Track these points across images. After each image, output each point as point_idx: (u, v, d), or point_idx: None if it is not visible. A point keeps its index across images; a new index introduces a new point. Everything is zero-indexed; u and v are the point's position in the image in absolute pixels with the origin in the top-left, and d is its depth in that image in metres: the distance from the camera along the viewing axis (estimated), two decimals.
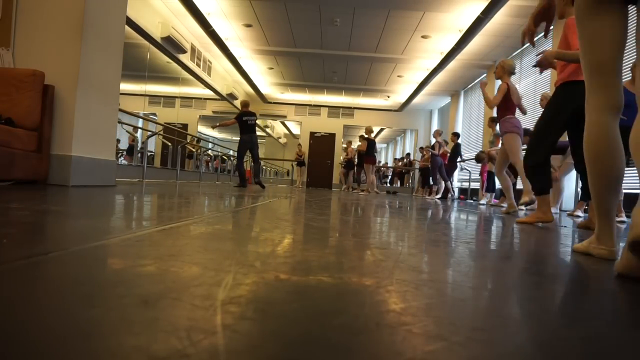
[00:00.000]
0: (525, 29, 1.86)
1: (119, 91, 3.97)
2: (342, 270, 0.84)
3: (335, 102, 15.44)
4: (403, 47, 9.43)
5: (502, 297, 0.79)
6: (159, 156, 9.75)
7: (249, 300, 0.59)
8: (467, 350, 0.47)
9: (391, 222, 2.32)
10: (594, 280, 1.05)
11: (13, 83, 3.13)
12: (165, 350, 0.39)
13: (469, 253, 1.29)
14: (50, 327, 0.44)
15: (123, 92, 4.14)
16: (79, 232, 1.13)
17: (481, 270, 1.03)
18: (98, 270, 0.74)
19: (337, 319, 0.54)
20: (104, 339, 0.42)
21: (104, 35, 3.65)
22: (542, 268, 1.13)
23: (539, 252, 1.52)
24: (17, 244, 0.92)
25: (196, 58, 10.05)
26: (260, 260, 0.88)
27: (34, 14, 3.38)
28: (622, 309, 0.79)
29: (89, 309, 0.51)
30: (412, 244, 1.43)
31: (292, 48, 10.06)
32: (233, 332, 0.46)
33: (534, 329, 0.58)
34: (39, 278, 0.64)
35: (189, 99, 11.09)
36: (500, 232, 2.17)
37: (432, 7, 7.29)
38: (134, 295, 0.57)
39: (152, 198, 2.84)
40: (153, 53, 8.44)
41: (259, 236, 1.29)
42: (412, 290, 0.72)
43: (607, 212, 1.25)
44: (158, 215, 1.84)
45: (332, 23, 8.43)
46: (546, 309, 0.71)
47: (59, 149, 3.32)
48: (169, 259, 0.82)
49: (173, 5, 7.97)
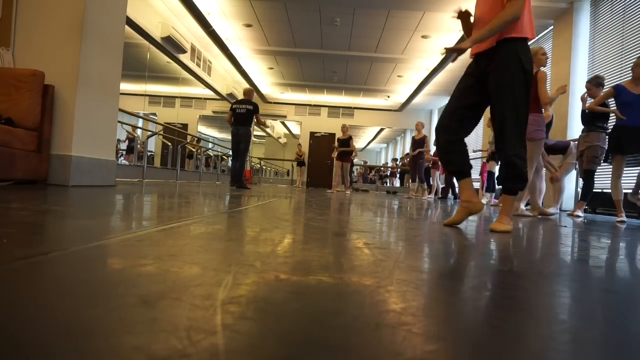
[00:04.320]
0: (452, 49, 2.13)
1: (119, 91, 3.97)
2: (342, 270, 0.84)
3: (335, 102, 15.44)
4: (403, 47, 9.43)
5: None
6: (159, 156, 9.75)
7: (249, 300, 0.59)
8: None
9: (389, 222, 2.32)
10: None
11: (13, 83, 3.13)
12: (166, 350, 0.39)
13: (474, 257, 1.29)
14: (51, 327, 0.44)
15: (123, 92, 4.14)
16: (79, 232, 1.13)
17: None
18: (98, 270, 0.74)
19: (337, 319, 0.54)
20: (104, 339, 0.42)
21: (104, 35, 3.65)
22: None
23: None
24: (17, 244, 0.92)
25: (196, 58, 10.05)
26: (260, 260, 0.88)
27: (34, 14, 3.38)
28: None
29: (89, 309, 0.51)
30: (412, 245, 1.43)
31: (292, 48, 10.06)
32: (233, 332, 0.46)
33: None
34: (39, 278, 0.64)
35: (189, 98, 11.10)
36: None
37: (432, 7, 7.29)
38: (134, 295, 0.57)
39: (152, 198, 2.84)
40: (153, 53, 8.44)
41: (259, 236, 1.29)
42: (412, 290, 0.72)
43: None
44: (158, 215, 1.84)
45: (332, 23, 8.43)
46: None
47: (59, 149, 3.32)
48: (169, 259, 0.82)
49: (173, 5, 7.97)
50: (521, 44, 2.04)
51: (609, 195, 4.33)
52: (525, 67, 2.01)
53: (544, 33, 7.83)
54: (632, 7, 5.66)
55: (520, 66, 2.00)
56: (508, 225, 2.02)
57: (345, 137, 9.13)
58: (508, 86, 2.02)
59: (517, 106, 2.01)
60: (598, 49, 6.41)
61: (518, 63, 2.00)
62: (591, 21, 6.62)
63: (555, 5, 6.80)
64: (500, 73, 2.04)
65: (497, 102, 2.06)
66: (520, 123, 2.03)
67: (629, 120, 3.91)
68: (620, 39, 5.85)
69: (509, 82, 2.01)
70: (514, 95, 2.01)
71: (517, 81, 2.01)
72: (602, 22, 6.35)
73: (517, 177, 2.06)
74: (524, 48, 2.04)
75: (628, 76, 4.25)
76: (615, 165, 4.08)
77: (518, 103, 2.01)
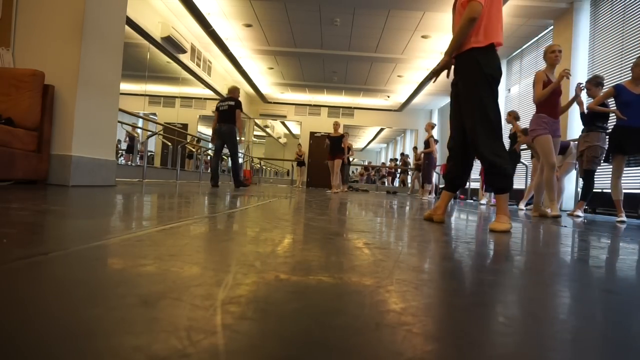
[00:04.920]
0: (430, 75, 2.32)
1: (119, 91, 3.97)
2: (342, 270, 0.84)
3: (335, 102, 15.44)
4: (403, 47, 9.43)
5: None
6: (159, 156, 9.75)
7: (249, 300, 0.59)
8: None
9: (389, 222, 2.32)
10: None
11: (13, 83, 3.13)
12: (166, 350, 0.39)
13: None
14: (51, 327, 0.44)
15: (123, 92, 4.14)
16: (79, 232, 1.13)
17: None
18: (98, 270, 0.74)
19: (337, 319, 0.54)
20: (104, 339, 0.42)
21: (104, 35, 3.65)
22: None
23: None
24: (17, 244, 0.92)
25: (196, 58, 10.05)
26: (260, 260, 0.88)
27: (34, 14, 3.38)
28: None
29: (89, 309, 0.51)
30: (412, 245, 1.43)
31: (292, 48, 10.06)
32: (233, 332, 0.46)
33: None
34: (39, 278, 0.64)
35: (189, 98, 11.09)
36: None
37: (432, 7, 7.29)
38: (134, 295, 0.57)
39: (152, 198, 2.84)
40: (153, 53, 8.44)
41: (259, 236, 1.29)
42: (412, 290, 0.72)
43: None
44: (158, 215, 1.84)
45: (332, 23, 8.43)
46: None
47: (59, 149, 3.32)
48: (169, 259, 0.82)
49: (173, 5, 7.97)
50: (481, 51, 2.12)
51: (609, 195, 4.33)
52: (484, 70, 2.09)
53: (544, 33, 7.83)
54: (632, 7, 5.66)
55: (479, 71, 2.10)
56: (507, 225, 2.03)
57: (337, 134, 8.73)
58: (471, 91, 2.13)
59: (485, 107, 2.08)
60: (598, 49, 6.41)
61: (477, 68, 2.10)
62: (591, 21, 6.62)
63: (555, 5, 6.80)
64: (462, 81, 2.18)
65: (465, 109, 2.17)
66: (492, 122, 2.09)
67: (629, 120, 3.91)
68: (620, 39, 5.85)
69: (473, 88, 2.12)
70: (479, 96, 2.09)
71: (480, 84, 2.10)
72: (602, 22, 6.35)
73: (500, 176, 2.10)
74: (484, 55, 2.12)
75: (628, 76, 4.25)
76: (615, 166, 4.08)
77: (485, 103, 2.08)
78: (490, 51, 2.13)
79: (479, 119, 2.09)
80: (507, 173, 2.08)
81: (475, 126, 2.10)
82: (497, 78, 2.12)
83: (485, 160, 2.09)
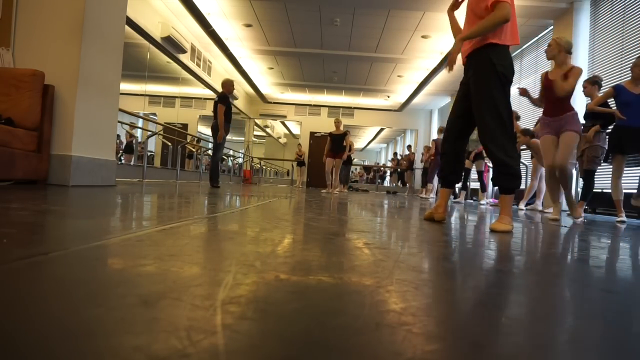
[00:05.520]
0: (448, 63, 2.25)
1: (119, 91, 3.97)
2: (342, 270, 0.84)
3: (335, 102, 15.44)
4: (403, 47, 9.43)
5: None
6: (159, 156, 9.75)
7: (249, 300, 0.59)
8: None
9: (389, 222, 2.32)
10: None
11: (13, 83, 3.13)
12: (166, 350, 0.39)
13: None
14: (51, 327, 0.44)
15: (123, 92, 4.14)
16: (79, 232, 1.13)
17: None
18: (98, 270, 0.74)
19: (337, 319, 0.54)
20: (104, 339, 0.42)
21: (104, 35, 3.65)
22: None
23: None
24: (17, 244, 0.92)
25: (196, 58, 10.05)
26: (260, 260, 0.88)
27: (34, 14, 3.38)
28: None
29: (89, 309, 0.51)
30: (413, 245, 1.43)
31: (292, 48, 10.06)
32: (233, 332, 0.46)
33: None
34: (39, 278, 0.64)
35: (189, 98, 11.09)
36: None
37: (432, 7, 7.29)
38: (134, 295, 0.57)
39: (152, 198, 2.84)
40: (153, 53, 8.43)
41: (259, 236, 1.29)
42: (412, 290, 0.72)
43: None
44: (158, 215, 1.84)
45: (332, 23, 8.43)
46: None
47: (59, 149, 3.32)
48: (169, 259, 0.82)
49: (173, 5, 7.97)
50: (497, 49, 2.11)
51: (609, 195, 4.33)
52: (498, 70, 2.08)
53: (544, 33, 7.83)
54: (632, 7, 5.66)
55: (493, 70, 2.09)
56: (508, 225, 2.03)
57: (339, 132, 8.41)
58: (484, 89, 2.11)
59: (497, 106, 2.08)
60: (598, 49, 6.41)
61: (491, 67, 2.09)
62: (591, 21, 6.62)
63: (555, 5, 6.80)
64: (476, 78, 2.16)
65: (476, 106, 2.15)
66: (503, 123, 2.09)
67: (629, 120, 3.91)
68: (620, 39, 5.85)
69: (485, 85, 2.11)
70: (491, 95, 2.08)
71: (493, 83, 2.09)
72: (602, 22, 6.35)
73: (509, 176, 2.10)
74: (499, 53, 2.11)
75: (628, 76, 4.24)
76: (615, 165, 4.08)
77: (497, 103, 2.08)
78: (504, 50, 2.13)
79: (490, 117, 2.08)
80: (517, 173, 2.09)
81: (487, 124, 2.10)
82: (509, 77, 2.12)
83: (496, 159, 2.10)
